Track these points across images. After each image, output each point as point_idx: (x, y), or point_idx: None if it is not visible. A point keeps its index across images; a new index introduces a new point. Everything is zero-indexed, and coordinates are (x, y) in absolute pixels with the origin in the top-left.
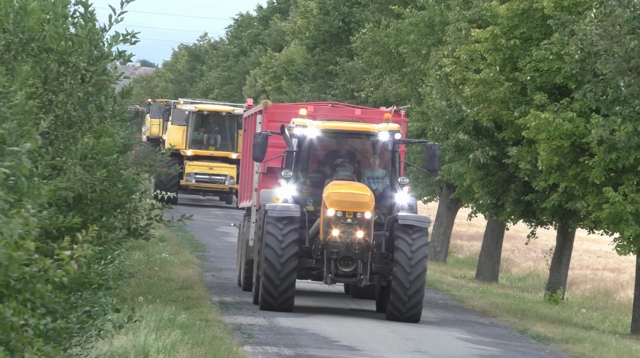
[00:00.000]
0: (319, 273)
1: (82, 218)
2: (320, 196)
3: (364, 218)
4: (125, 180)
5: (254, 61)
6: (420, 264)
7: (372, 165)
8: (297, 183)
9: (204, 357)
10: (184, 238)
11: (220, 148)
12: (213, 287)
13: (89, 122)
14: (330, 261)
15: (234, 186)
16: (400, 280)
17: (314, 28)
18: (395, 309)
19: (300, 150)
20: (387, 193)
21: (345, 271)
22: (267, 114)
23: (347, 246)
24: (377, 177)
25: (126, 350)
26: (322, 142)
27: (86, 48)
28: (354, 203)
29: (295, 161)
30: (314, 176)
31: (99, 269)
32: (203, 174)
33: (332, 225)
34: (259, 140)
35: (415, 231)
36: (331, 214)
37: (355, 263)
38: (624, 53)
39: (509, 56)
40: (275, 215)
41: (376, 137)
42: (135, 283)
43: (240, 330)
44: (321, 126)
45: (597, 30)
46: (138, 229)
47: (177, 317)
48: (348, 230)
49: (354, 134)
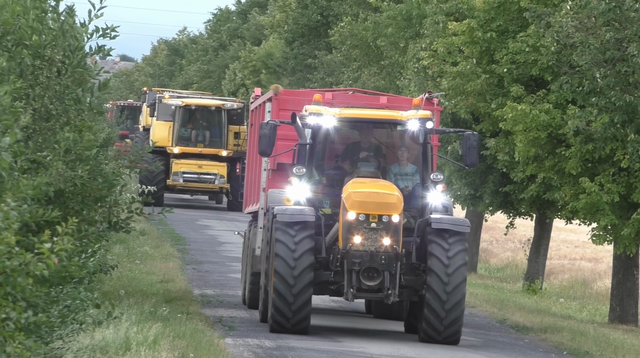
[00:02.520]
0: (338, 288)
1: (62, 211)
2: (338, 197)
3: (392, 222)
4: (106, 174)
5: (233, 54)
6: (459, 272)
7: (400, 159)
8: (311, 182)
9: (185, 350)
10: (164, 231)
11: (210, 144)
12: (194, 280)
13: (67, 116)
14: (352, 274)
15: (224, 186)
16: (435, 292)
17: (292, 22)
18: (430, 327)
19: (315, 142)
20: (418, 192)
21: (370, 286)
22: (278, 102)
23: (372, 256)
24: (406, 173)
25: (107, 343)
26: (341, 133)
27: (63, 41)
28: (380, 204)
29: (309, 156)
30: (331, 173)
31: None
32: (191, 173)
33: (354, 231)
34: (266, 131)
35: (451, 236)
36: (352, 218)
37: (382, 276)
38: (599, 45)
39: (485, 49)
40: (286, 220)
41: (404, 126)
42: (116, 276)
43: (222, 322)
44: (339, 114)
45: (572, 23)
46: (119, 222)
47: (158, 310)
48: (372, 236)
49: (377, 123)
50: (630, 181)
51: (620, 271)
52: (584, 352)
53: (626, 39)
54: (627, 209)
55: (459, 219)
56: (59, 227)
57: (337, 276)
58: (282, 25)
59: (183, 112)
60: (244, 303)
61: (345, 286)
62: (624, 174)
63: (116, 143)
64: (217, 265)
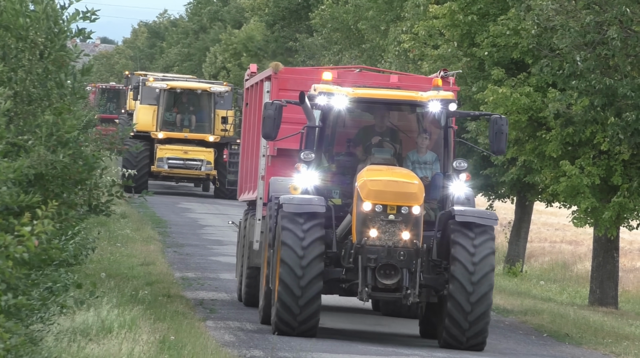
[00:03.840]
0: (351, 287)
1: (43, 194)
2: (349, 186)
3: (411, 214)
4: (86, 157)
5: (214, 37)
6: (485, 280)
7: (420, 146)
8: (320, 169)
9: (166, 332)
10: (145, 214)
11: (196, 129)
12: (175, 263)
13: (49, 99)
14: (367, 271)
15: (211, 173)
16: (458, 302)
17: (273, 5)
18: (451, 337)
19: (325, 125)
20: (438, 182)
21: (387, 284)
22: (278, 81)
23: (389, 252)
24: (425, 162)
25: (88, 326)
26: (353, 115)
27: (44, 24)
28: (398, 194)
29: (318, 140)
30: (342, 159)
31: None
32: (177, 159)
33: (369, 223)
34: (270, 112)
35: (477, 234)
36: (368, 209)
37: (400, 274)
38: (579, 28)
39: (466, 32)
40: (292, 210)
41: (425, 108)
42: (97, 259)
43: (203, 305)
44: (352, 93)
45: (553, 6)
46: (99, 205)
47: (139, 292)
48: (390, 229)
49: (395, 104)
50: (611, 164)
51: (600, 254)
52: (564, 334)
53: (606, 22)
54: (607, 192)
55: (485, 212)
56: (39, 210)
57: (350, 274)
58: (263, 8)
59: (168, 95)
60: (239, 300)
61: (359, 284)
62: (604, 157)
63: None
64: (198, 248)
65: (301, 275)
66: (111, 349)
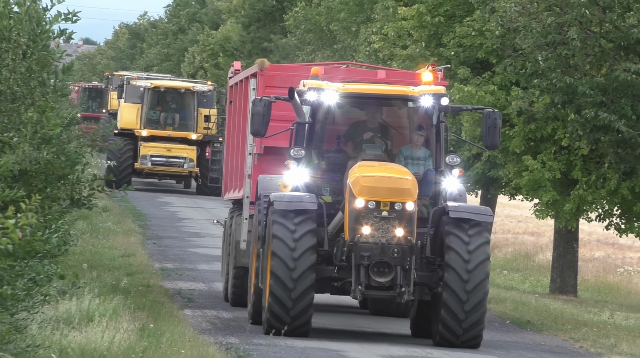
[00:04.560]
0: (343, 285)
1: (27, 189)
2: (339, 183)
3: (405, 210)
4: (69, 153)
5: (192, 38)
6: (480, 268)
7: (414, 142)
8: (310, 166)
9: (145, 321)
10: (126, 208)
11: (179, 128)
12: (154, 254)
13: (32, 98)
14: (360, 269)
15: (193, 170)
16: (454, 290)
17: (249, 7)
18: (447, 330)
19: (315, 121)
20: (430, 178)
21: (380, 282)
22: (264, 78)
23: (383, 249)
24: (418, 158)
25: (71, 315)
26: (343, 111)
27: (27, 25)
28: (392, 190)
29: (308, 136)
30: (332, 156)
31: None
32: (160, 157)
33: (362, 220)
34: (259, 108)
35: (472, 226)
36: (361, 206)
37: (394, 271)
38: (541, 29)
39: (434, 33)
40: (284, 207)
41: (417, 103)
42: (79, 251)
43: (181, 294)
44: (342, 89)
45: (516, 8)
46: (81, 199)
47: (120, 282)
48: (384, 226)
49: (386, 99)
50: (571, 158)
51: (561, 244)
52: (526, 321)
53: (566, 23)
54: (567, 185)
55: (479, 208)
56: (22, 204)
57: (342, 272)
58: (239, 10)
59: (152, 94)
60: (225, 300)
61: (352, 283)
62: (564, 152)
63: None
64: (176, 240)
65: (293, 267)
66: (93, 337)
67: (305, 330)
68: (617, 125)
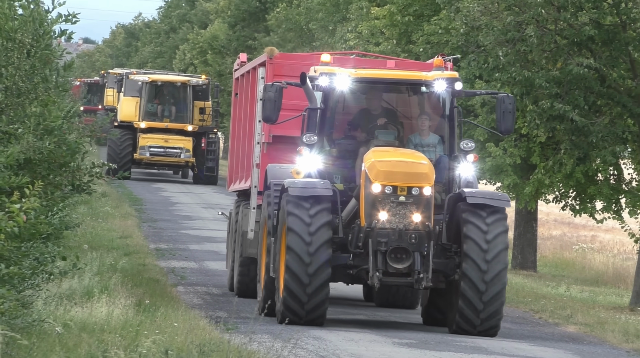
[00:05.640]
0: (359, 273)
1: (31, 176)
2: (351, 170)
3: (422, 195)
4: (69, 143)
5: (183, 37)
6: (499, 258)
7: (421, 128)
8: (322, 152)
9: (141, 297)
10: (123, 193)
11: (176, 119)
12: (149, 236)
13: (35, 93)
14: (377, 255)
15: (190, 160)
16: (472, 281)
17: (234, 8)
18: (465, 320)
19: (327, 107)
20: (444, 164)
21: (398, 268)
22: (273, 66)
23: (400, 234)
24: (428, 144)
25: (73, 291)
26: (354, 97)
27: (31, 26)
28: (409, 174)
29: (320, 122)
30: (344, 142)
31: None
32: (158, 147)
33: (379, 206)
34: (271, 94)
35: (490, 214)
36: (377, 191)
37: (412, 257)
38: (501, 27)
39: (404, 31)
40: (298, 193)
41: (430, 88)
42: (81, 233)
43: (174, 272)
44: (355, 74)
45: (478, 7)
46: (81, 185)
47: (118, 262)
48: (401, 211)
49: (400, 83)
50: (530, 145)
51: (521, 224)
52: None
53: (524, 22)
54: (527, 170)
55: (496, 193)
56: (27, 189)
57: (358, 259)
58: (226, 11)
59: (150, 88)
60: (230, 290)
61: (370, 269)
62: (524, 139)
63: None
64: (170, 222)
65: (309, 262)
66: (93, 312)
67: (322, 312)
68: (571, 115)
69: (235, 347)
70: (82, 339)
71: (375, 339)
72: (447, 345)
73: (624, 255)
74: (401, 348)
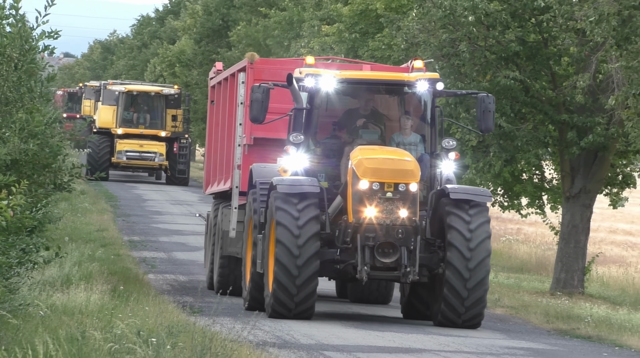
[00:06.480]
0: (346, 268)
1: (17, 176)
2: (336, 169)
3: (409, 191)
4: (52, 146)
5: (153, 52)
6: (482, 246)
7: (403, 128)
8: (308, 151)
9: (116, 283)
10: (100, 191)
11: (150, 126)
12: (123, 229)
13: (22, 101)
14: (365, 250)
15: (163, 163)
16: (456, 268)
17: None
18: (450, 309)
19: (312, 107)
20: (425, 162)
21: (385, 263)
22: (254, 71)
23: (387, 230)
24: (410, 143)
25: (55, 279)
26: (338, 98)
27: (18, 42)
28: (395, 171)
29: (306, 122)
30: (328, 142)
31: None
32: (133, 152)
33: (367, 202)
34: (258, 95)
35: (472, 207)
36: (365, 187)
37: (399, 252)
38: (438, 43)
39: (351, 46)
40: (286, 191)
41: (413, 88)
42: (62, 226)
43: (145, 262)
44: (340, 75)
45: (417, 26)
46: (62, 184)
47: (95, 252)
48: (388, 207)
49: (383, 84)
50: (463, 148)
51: None
52: None
53: (458, 39)
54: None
55: (478, 189)
56: (13, 188)
57: (344, 255)
58: (192, 28)
59: (126, 97)
60: (210, 288)
61: (358, 264)
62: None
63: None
64: (142, 217)
65: (298, 254)
66: (73, 297)
67: (309, 315)
68: (499, 121)
69: (200, 328)
70: (63, 321)
71: (326, 321)
72: (390, 324)
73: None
74: (348, 329)
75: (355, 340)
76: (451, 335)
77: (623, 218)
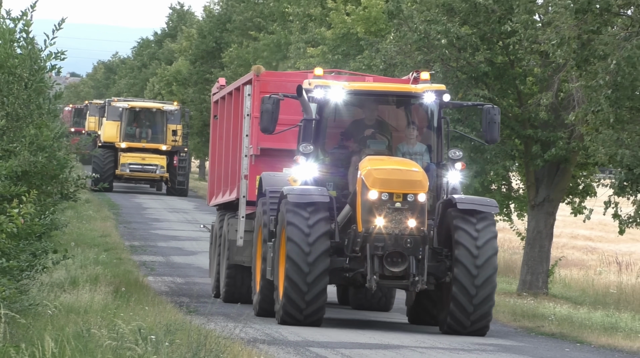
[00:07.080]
0: (355, 276)
1: (27, 186)
2: (343, 178)
3: (417, 202)
4: (59, 159)
5: (152, 71)
6: (489, 263)
7: (409, 138)
8: (317, 161)
9: (118, 285)
10: (103, 200)
11: (151, 140)
12: (125, 235)
13: (31, 117)
14: (374, 259)
15: (164, 175)
16: (463, 285)
17: (195, 48)
18: (456, 322)
19: (321, 118)
20: (431, 172)
21: (394, 272)
22: (260, 84)
23: (396, 239)
24: (415, 153)
25: (62, 281)
26: (347, 109)
27: (28, 63)
28: (404, 181)
29: (315, 132)
30: (336, 152)
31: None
32: (136, 165)
33: (376, 212)
34: (268, 105)
35: (480, 220)
36: (374, 198)
37: (407, 261)
38: (413, 64)
39: (334, 67)
40: (296, 200)
41: (420, 100)
42: (68, 232)
43: (145, 265)
44: (349, 86)
45: (394, 48)
46: (69, 194)
47: (99, 256)
48: (397, 217)
49: (392, 96)
50: None
51: None
52: None
53: (432, 60)
54: None
55: (485, 199)
56: (24, 197)
57: (353, 263)
58: (188, 50)
59: (129, 113)
60: (216, 297)
61: (367, 273)
62: None
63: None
64: (142, 224)
65: (307, 271)
66: (79, 298)
67: (320, 316)
68: (470, 136)
69: (196, 327)
70: (70, 319)
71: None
72: (370, 325)
73: (512, 250)
74: (334, 328)
75: (339, 338)
76: (427, 333)
77: (583, 225)
